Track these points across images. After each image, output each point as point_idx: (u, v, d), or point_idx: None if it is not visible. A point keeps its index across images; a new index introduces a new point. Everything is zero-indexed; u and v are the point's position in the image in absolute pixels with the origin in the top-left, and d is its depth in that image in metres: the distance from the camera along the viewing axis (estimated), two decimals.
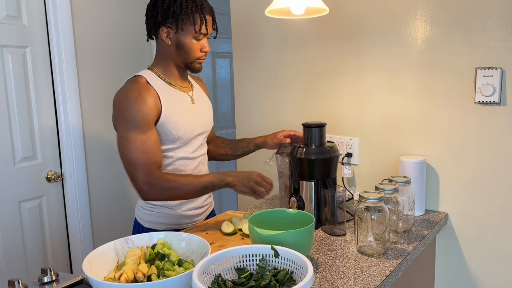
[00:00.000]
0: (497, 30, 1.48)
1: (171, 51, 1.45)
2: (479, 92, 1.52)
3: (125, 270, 1.01)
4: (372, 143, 1.81)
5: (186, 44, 1.43)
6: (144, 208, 1.56)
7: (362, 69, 1.78)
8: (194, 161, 1.54)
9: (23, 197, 2.08)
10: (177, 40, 1.43)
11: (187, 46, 1.43)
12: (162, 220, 1.54)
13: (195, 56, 1.45)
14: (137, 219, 1.59)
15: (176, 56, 1.46)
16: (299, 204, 1.52)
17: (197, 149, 1.55)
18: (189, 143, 1.51)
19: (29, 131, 2.09)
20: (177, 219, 1.55)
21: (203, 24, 1.41)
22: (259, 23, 2.06)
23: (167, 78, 1.49)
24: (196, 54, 1.45)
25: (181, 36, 1.42)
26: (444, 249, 1.68)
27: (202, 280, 0.92)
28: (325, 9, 1.51)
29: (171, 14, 1.39)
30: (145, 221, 1.56)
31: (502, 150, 1.53)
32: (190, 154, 1.52)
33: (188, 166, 1.52)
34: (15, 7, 2.00)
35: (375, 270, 1.18)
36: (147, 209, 1.55)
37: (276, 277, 0.96)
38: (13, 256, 2.05)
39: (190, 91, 1.56)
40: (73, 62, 2.18)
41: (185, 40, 1.42)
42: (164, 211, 1.53)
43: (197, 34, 1.41)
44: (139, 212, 1.59)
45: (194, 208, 1.58)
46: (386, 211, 1.27)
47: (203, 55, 1.47)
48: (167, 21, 1.40)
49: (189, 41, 1.42)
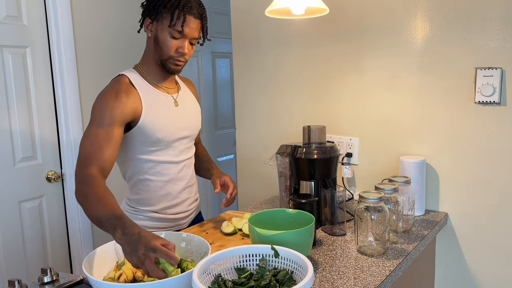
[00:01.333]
0: (497, 30, 1.48)
1: (150, 45, 1.43)
2: (479, 92, 1.52)
3: (124, 270, 1.02)
4: (372, 143, 1.81)
5: (161, 38, 1.39)
6: (127, 211, 1.52)
7: (362, 69, 1.78)
8: (178, 165, 1.50)
9: (23, 197, 2.08)
10: (155, 33, 1.40)
11: (161, 41, 1.39)
12: (146, 223, 1.50)
13: (169, 54, 1.40)
14: None
15: (154, 51, 1.42)
16: None
17: (181, 153, 1.51)
18: (171, 146, 1.47)
19: (29, 131, 2.09)
20: (162, 222, 1.51)
21: (181, 22, 1.36)
22: (259, 23, 2.06)
23: (151, 78, 1.46)
24: (169, 52, 1.39)
25: (158, 29, 1.39)
26: (444, 249, 1.68)
27: (202, 280, 0.92)
28: (325, 9, 1.51)
29: (153, 4, 1.38)
30: None
31: (502, 150, 1.53)
32: (173, 158, 1.48)
33: (171, 170, 1.48)
34: (15, 7, 2.00)
35: (375, 270, 1.18)
36: (130, 211, 1.51)
37: (276, 277, 0.96)
38: (13, 256, 2.05)
39: (175, 93, 1.52)
40: (73, 62, 2.18)
41: (161, 34, 1.39)
42: (148, 214, 1.50)
43: (172, 30, 1.37)
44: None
45: (180, 212, 1.54)
46: (386, 211, 1.27)
47: (178, 56, 1.40)
48: (150, 12, 1.40)
49: (164, 36, 1.38)
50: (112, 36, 2.38)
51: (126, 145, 1.43)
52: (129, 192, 1.52)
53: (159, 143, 1.43)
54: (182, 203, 1.54)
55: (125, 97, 1.36)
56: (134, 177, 1.47)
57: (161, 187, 1.48)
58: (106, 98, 1.35)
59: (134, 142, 1.42)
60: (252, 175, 2.22)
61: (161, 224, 1.52)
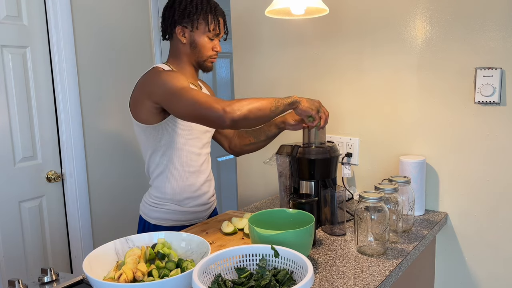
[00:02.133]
0: (497, 30, 1.48)
1: (185, 50, 1.54)
2: (479, 92, 1.52)
3: (124, 270, 1.02)
4: (372, 143, 1.81)
5: (200, 42, 1.52)
6: (150, 204, 1.58)
7: (362, 69, 1.78)
8: (200, 157, 1.59)
9: (23, 197, 2.09)
10: (191, 39, 1.52)
11: (200, 45, 1.52)
12: (168, 216, 1.57)
13: (208, 54, 1.54)
14: (142, 216, 1.61)
15: (190, 55, 1.54)
16: None
17: (204, 146, 1.61)
18: (199, 137, 1.57)
19: (29, 131, 2.09)
20: (183, 215, 1.58)
21: (216, 24, 1.52)
22: (259, 23, 2.06)
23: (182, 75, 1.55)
24: (208, 52, 1.54)
25: (196, 35, 1.51)
26: (444, 249, 1.68)
27: (202, 280, 0.92)
28: (325, 9, 1.51)
29: (187, 14, 1.49)
30: (151, 218, 1.58)
31: (502, 150, 1.53)
32: (198, 149, 1.58)
33: (196, 161, 1.57)
34: (15, 7, 2.00)
35: (375, 270, 1.19)
36: (152, 205, 1.58)
37: (276, 277, 0.96)
38: (13, 256, 2.05)
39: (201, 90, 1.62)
40: (73, 62, 2.18)
41: (199, 39, 1.51)
42: (170, 207, 1.56)
43: (210, 33, 1.51)
44: (144, 209, 1.61)
45: (200, 205, 1.61)
46: (386, 211, 1.27)
47: (214, 54, 1.55)
48: (183, 21, 1.50)
49: (203, 40, 1.52)
50: (112, 36, 2.38)
51: (160, 134, 1.49)
52: (153, 184, 1.58)
53: (192, 130, 1.53)
54: (203, 195, 1.62)
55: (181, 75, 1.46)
56: (162, 165, 1.54)
57: (186, 177, 1.56)
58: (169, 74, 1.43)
59: (171, 129, 1.49)
60: (252, 175, 2.22)
61: (182, 217, 1.59)
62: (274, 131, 1.71)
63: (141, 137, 1.53)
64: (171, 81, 1.39)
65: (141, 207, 1.63)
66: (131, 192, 2.48)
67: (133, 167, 2.47)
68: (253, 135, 1.76)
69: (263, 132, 1.73)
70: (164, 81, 1.40)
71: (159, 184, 1.56)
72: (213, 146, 1.69)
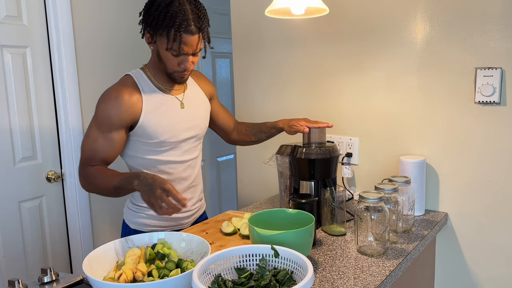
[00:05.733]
0: (497, 30, 1.48)
1: (154, 57, 1.42)
2: (479, 92, 1.52)
3: (124, 270, 1.02)
4: (372, 143, 1.81)
5: (163, 55, 1.36)
6: (131, 209, 1.53)
7: (362, 69, 1.78)
8: (182, 165, 1.51)
9: (23, 197, 2.08)
10: (156, 48, 1.38)
11: (163, 57, 1.36)
12: (148, 221, 1.51)
13: (172, 69, 1.38)
14: (125, 220, 1.57)
15: (158, 63, 1.41)
16: None
17: (186, 153, 1.51)
18: (176, 147, 1.47)
19: (29, 131, 2.09)
20: (163, 221, 1.52)
21: (178, 42, 1.30)
22: (259, 23, 2.06)
23: (157, 81, 1.45)
24: (173, 67, 1.38)
25: (159, 46, 1.36)
26: (444, 249, 1.68)
27: (202, 280, 0.92)
28: (325, 9, 1.51)
29: (150, 23, 1.34)
30: (131, 222, 1.53)
31: (502, 150, 1.53)
32: (177, 157, 1.49)
33: (175, 169, 1.49)
34: (15, 7, 2.00)
35: (375, 270, 1.18)
36: (133, 209, 1.53)
37: (276, 277, 0.96)
38: (13, 256, 2.05)
39: (181, 93, 1.50)
40: (73, 62, 2.18)
41: (162, 51, 1.35)
42: (148, 212, 1.49)
43: (171, 50, 1.33)
44: (126, 213, 1.56)
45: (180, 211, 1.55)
46: (386, 211, 1.27)
47: (181, 70, 1.38)
48: (149, 28, 1.35)
49: (166, 54, 1.35)
50: (112, 36, 2.37)
51: (131, 143, 1.44)
52: None
53: (162, 144, 1.44)
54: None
55: (127, 100, 1.38)
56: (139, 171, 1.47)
57: None
58: (107, 100, 1.39)
59: (138, 142, 1.44)
60: (252, 175, 2.22)
61: (163, 223, 1.52)
62: (275, 132, 1.69)
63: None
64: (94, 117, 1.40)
65: (124, 210, 1.58)
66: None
67: None
68: (254, 134, 1.73)
69: (264, 133, 1.70)
70: (94, 114, 1.41)
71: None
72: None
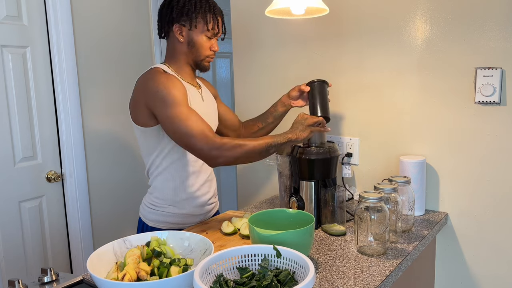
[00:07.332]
0: (497, 30, 1.48)
1: (183, 49, 1.51)
2: (479, 92, 1.52)
3: (127, 271, 1.02)
4: (372, 143, 1.81)
5: (198, 41, 1.49)
6: (149, 207, 1.57)
7: (362, 69, 1.79)
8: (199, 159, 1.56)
9: (23, 197, 2.08)
10: (189, 38, 1.49)
11: (198, 44, 1.50)
12: (166, 219, 1.55)
13: (205, 54, 1.52)
14: (141, 218, 1.60)
15: (187, 54, 1.52)
16: (299, 204, 1.52)
17: None
18: None
19: (29, 131, 2.09)
20: (181, 218, 1.56)
21: (215, 23, 1.50)
22: (259, 23, 2.06)
23: (179, 75, 1.53)
24: (206, 52, 1.52)
25: (194, 34, 1.49)
26: (444, 249, 1.68)
27: (204, 279, 0.92)
28: (325, 9, 1.51)
29: (186, 12, 1.46)
30: (149, 220, 1.57)
31: (502, 150, 1.53)
32: None
33: (196, 161, 1.54)
34: (15, 7, 2.00)
35: (375, 270, 1.19)
36: (151, 207, 1.56)
37: (278, 277, 0.96)
38: (13, 256, 2.05)
39: (200, 89, 1.60)
40: (73, 62, 2.17)
41: (197, 38, 1.49)
42: (168, 210, 1.54)
43: (208, 32, 1.49)
44: (143, 211, 1.60)
45: (198, 206, 1.58)
46: (386, 211, 1.27)
47: (212, 54, 1.53)
48: (181, 19, 1.47)
49: (201, 39, 1.49)
50: (112, 36, 2.37)
51: (159, 136, 1.48)
52: (152, 185, 1.57)
53: None
54: (202, 196, 1.59)
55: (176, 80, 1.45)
56: (162, 166, 1.52)
57: (186, 177, 1.53)
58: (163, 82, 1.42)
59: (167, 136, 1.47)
60: (252, 175, 2.22)
61: (180, 219, 1.56)
62: (281, 110, 1.71)
63: (140, 140, 1.53)
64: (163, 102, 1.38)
65: (140, 209, 1.62)
66: (131, 192, 2.48)
67: (133, 167, 2.47)
68: (260, 120, 1.76)
69: (270, 114, 1.73)
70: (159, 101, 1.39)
71: (158, 185, 1.55)
72: None
